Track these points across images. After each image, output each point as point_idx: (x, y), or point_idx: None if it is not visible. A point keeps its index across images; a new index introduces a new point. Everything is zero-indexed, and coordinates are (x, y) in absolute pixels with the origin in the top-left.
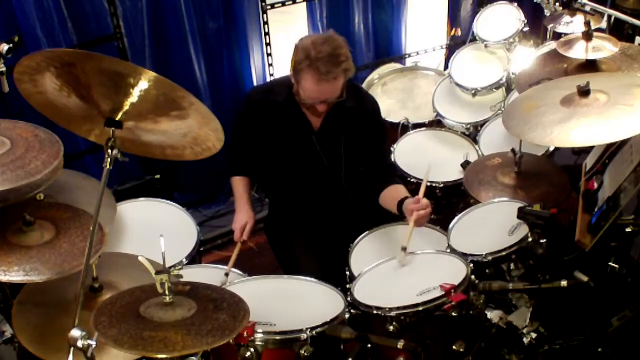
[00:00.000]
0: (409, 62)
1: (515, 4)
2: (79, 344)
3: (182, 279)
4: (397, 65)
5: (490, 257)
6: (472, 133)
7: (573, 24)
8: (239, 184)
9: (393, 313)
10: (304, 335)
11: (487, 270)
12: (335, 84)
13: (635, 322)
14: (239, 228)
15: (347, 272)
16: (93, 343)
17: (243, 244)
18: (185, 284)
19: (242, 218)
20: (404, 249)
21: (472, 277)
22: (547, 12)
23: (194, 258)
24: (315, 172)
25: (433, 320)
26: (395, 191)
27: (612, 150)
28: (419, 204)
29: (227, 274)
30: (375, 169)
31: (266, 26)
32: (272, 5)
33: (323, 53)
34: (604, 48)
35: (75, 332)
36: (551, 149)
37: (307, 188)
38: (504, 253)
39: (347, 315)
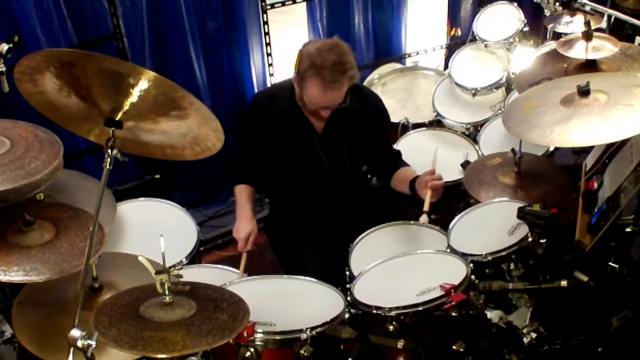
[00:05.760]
0: (409, 62)
1: (515, 4)
2: (79, 344)
3: (182, 279)
4: (397, 65)
5: (490, 257)
6: (472, 133)
7: (573, 24)
8: (242, 192)
9: (393, 313)
10: (304, 335)
11: (487, 270)
12: (341, 91)
13: (635, 322)
14: (243, 238)
15: (347, 272)
16: (93, 343)
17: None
18: (185, 284)
19: (246, 227)
20: (426, 212)
21: (472, 277)
22: (547, 12)
23: (194, 258)
24: (317, 174)
25: (433, 320)
26: (406, 172)
27: (612, 150)
28: (433, 175)
29: None
30: (383, 161)
31: (266, 26)
32: (272, 5)
33: (329, 61)
34: (604, 48)
35: (75, 332)
36: (551, 149)
37: (309, 189)
38: (504, 253)
39: (347, 315)
